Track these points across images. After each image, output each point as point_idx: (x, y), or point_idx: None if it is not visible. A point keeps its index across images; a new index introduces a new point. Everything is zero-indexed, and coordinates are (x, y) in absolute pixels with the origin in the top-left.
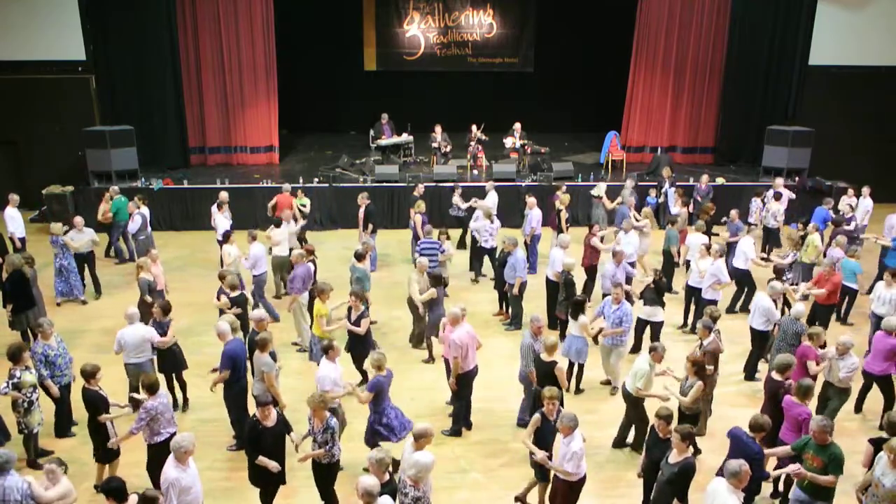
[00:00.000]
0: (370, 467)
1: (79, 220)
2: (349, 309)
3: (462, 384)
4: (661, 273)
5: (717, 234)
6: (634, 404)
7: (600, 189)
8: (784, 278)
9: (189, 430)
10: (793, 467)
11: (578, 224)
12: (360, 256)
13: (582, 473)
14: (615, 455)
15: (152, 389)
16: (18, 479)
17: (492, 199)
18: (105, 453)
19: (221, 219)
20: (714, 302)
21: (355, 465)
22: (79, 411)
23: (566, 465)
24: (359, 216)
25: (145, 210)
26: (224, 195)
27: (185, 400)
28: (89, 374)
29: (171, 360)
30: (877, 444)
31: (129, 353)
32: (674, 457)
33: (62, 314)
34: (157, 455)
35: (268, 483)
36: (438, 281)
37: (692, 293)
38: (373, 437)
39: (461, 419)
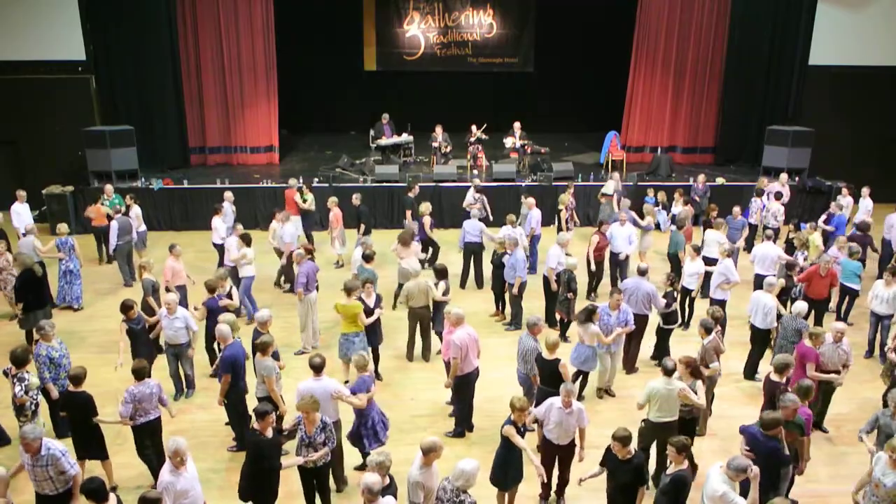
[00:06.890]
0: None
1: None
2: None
3: (462, 386)
4: (673, 275)
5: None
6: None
7: (609, 188)
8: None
9: (189, 431)
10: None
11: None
12: (368, 258)
13: None
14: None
15: (139, 375)
16: None
17: (467, 200)
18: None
19: (218, 221)
20: (722, 302)
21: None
22: None
23: None
24: (330, 219)
25: (137, 209)
26: (228, 195)
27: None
28: (79, 378)
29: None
30: None
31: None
32: (671, 469)
33: (62, 315)
34: (138, 436)
35: (265, 499)
36: (444, 274)
37: (686, 293)
38: (358, 441)
39: (463, 421)
